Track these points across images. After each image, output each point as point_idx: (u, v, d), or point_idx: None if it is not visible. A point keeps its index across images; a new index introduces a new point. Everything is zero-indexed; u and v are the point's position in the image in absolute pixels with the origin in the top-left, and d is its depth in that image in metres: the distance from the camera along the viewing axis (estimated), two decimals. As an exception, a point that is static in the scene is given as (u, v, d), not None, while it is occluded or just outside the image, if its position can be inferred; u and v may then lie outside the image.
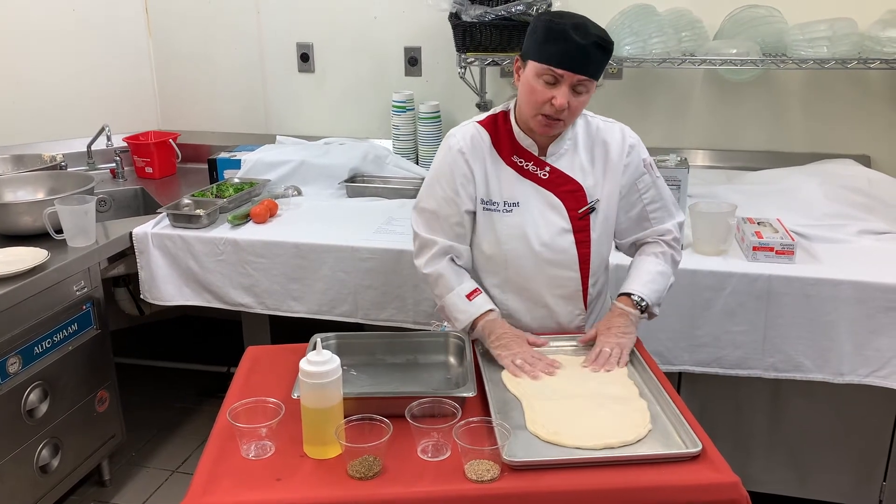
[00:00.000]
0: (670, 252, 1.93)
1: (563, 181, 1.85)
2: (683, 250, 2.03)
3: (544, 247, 1.85)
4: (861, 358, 2.19)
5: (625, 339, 1.80)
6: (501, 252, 1.88)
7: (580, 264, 1.87)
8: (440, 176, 1.88)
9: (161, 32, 3.47)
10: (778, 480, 2.47)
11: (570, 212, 1.85)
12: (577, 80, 1.69)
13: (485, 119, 1.89)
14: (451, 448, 1.47)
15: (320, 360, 1.44)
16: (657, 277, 1.89)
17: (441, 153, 1.90)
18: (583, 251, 1.87)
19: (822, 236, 2.40)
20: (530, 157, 1.85)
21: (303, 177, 2.98)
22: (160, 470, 2.83)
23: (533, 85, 1.72)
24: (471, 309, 1.85)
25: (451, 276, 1.88)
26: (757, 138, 3.02)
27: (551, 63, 1.68)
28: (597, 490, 1.40)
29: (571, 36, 1.65)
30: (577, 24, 1.67)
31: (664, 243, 1.93)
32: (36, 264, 2.26)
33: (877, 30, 2.57)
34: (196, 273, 2.58)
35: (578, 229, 1.85)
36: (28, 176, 2.80)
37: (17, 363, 2.23)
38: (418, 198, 1.94)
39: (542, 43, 1.69)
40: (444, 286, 1.88)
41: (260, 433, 1.50)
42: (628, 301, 1.85)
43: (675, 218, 1.94)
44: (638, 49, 2.67)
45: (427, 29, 3.15)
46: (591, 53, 1.67)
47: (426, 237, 1.90)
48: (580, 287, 1.90)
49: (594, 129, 1.87)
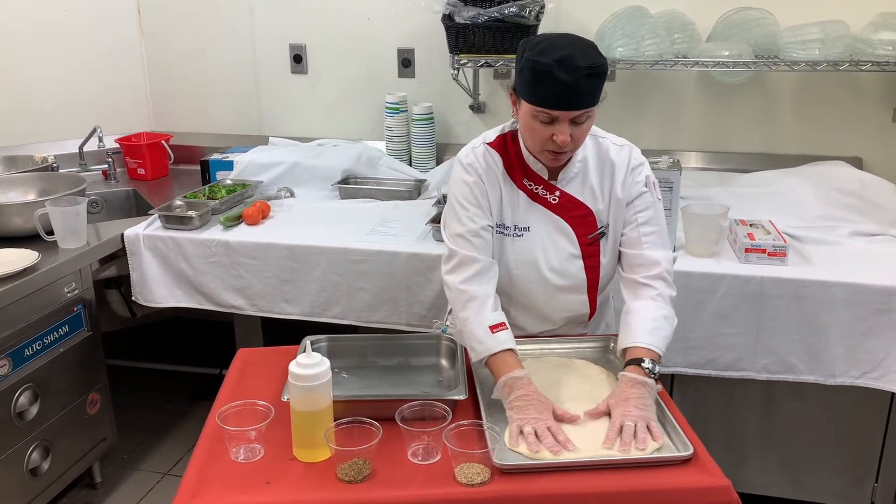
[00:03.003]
0: (667, 293, 1.80)
1: (573, 206, 1.82)
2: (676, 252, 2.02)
3: (553, 272, 1.84)
4: (853, 359, 2.19)
5: (647, 411, 1.57)
6: (510, 276, 1.86)
7: (588, 289, 1.86)
8: (463, 196, 1.81)
9: (154, 33, 3.46)
10: (770, 482, 2.47)
11: (579, 237, 1.83)
12: (574, 115, 1.64)
13: (494, 141, 1.84)
14: (442, 451, 1.47)
15: (310, 363, 1.44)
16: (662, 324, 1.75)
17: (458, 174, 1.84)
18: (592, 276, 1.85)
19: (814, 238, 2.40)
20: (540, 181, 1.82)
21: (295, 178, 2.97)
22: (151, 472, 2.82)
23: (531, 125, 1.68)
24: (490, 342, 1.69)
25: (483, 302, 1.75)
26: (749, 140, 3.02)
27: (544, 106, 1.63)
28: (587, 494, 1.40)
29: (558, 76, 1.58)
30: (562, 58, 1.58)
31: (657, 282, 1.80)
32: (26, 266, 2.25)
33: (868, 32, 2.58)
34: (188, 275, 2.58)
35: (588, 255, 1.83)
36: (19, 177, 2.78)
37: (7, 365, 2.21)
38: (445, 223, 1.86)
39: (532, 85, 1.63)
40: (472, 310, 1.75)
41: (249, 436, 1.49)
42: (640, 371, 1.64)
43: (666, 249, 1.85)
44: (631, 51, 2.67)
45: (420, 30, 3.15)
46: (583, 87, 1.60)
47: (466, 254, 1.79)
48: (588, 309, 1.90)
49: (604, 151, 1.83)
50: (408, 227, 2.57)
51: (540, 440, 1.49)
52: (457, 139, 3.26)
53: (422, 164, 3.18)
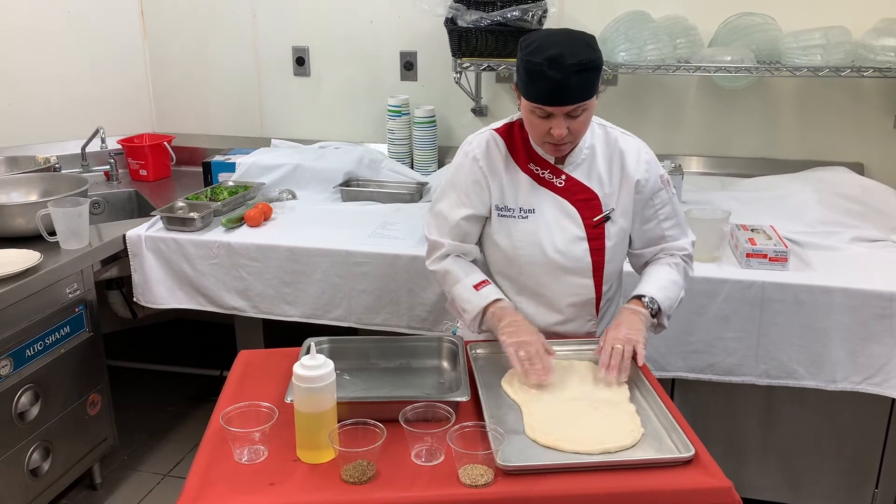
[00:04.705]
0: (684, 265, 1.91)
1: (579, 189, 1.85)
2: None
3: (558, 254, 1.85)
4: (854, 365, 2.20)
5: (635, 334, 1.75)
6: (516, 258, 1.88)
7: (594, 272, 1.87)
8: (453, 181, 1.90)
9: (156, 35, 3.46)
10: (770, 487, 2.47)
11: (584, 220, 1.84)
12: (568, 109, 1.69)
13: (501, 126, 1.90)
14: (445, 452, 1.47)
15: (314, 365, 1.44)
16: (670, 286, 1.86)
17: (457, 159, 1.93)
18: (597, 259, 1.86)
19: (815, 243, 2.41)
20: (546, 165, 1.85)
21: (297, 180, 2.97)
22: (152, 474, 2.82)
23: (530, 119, 1.75)
24: (477, 299, 1.84)
25: (457, 269, 1.89)
26: (751, 145, 3.03)
27: (537, 102, 1.69)
28: (590, 495, 1.40)
29: (548, 74, 1.63)
30: (552, 57, 1.63)
31: (679, 256, 1.91)
32: (28, 266, 2.25)
33: (870, 38, 2.58)
34: (189, 276, 2.58)
35: (593, 237, 1.85)
36: (21, 178, 2.79)
37: (9, 365, 2.21)
38: (432, 201, 1.96)
39: (525, 81, 1.70)
40: (451, 280, 1.89)
41: (253, 437, 1.49)
42: (639, 302, 1.83)
43: (689, 236, 1.94)
44: (633, 56, 2.68)
45: (423, 34, 3.16)
46: (572, 83, 1.65)
47: (434, 240, 1.92)
48: (594, 294, 1.90)
49: (612, 139, 1.87)
50: (409, 230, 2.57)
51: (532, 364, 1.68)
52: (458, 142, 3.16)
53: (423, 167, 3.18)
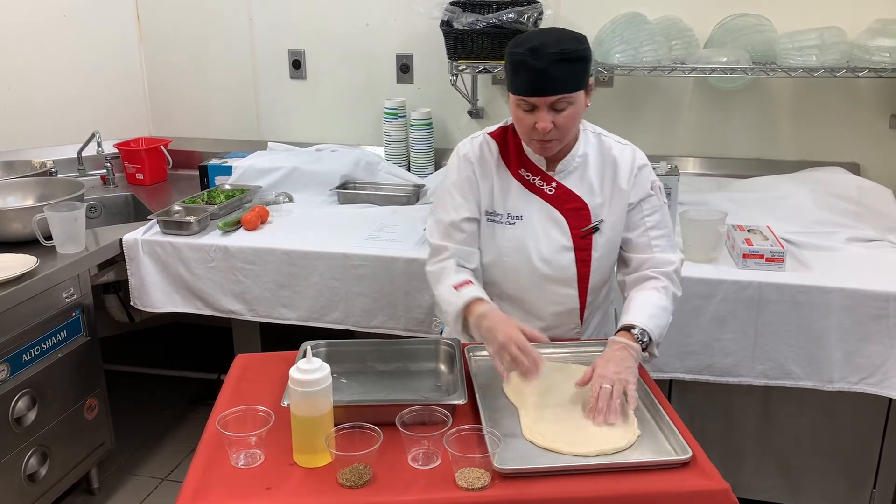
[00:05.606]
0: (672, 289, 1.82)
1: (569, 198, 1.84)
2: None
3: (543, 262, 1.85)
4: (851, 365, 2.20)
5: (626, 373, 1.61)
6: (501, 264, 1.88)
7: (579, 282, 1.86)
8: (450, 183, 1.90)
9: (153, 39, 3.46)
10: (768, 487, 2.47)
11: (572, 230, 1.84)
12: (551, 101, 1.69)
13: (495, 130, 1.90)
14: (442, 456, 1.46)
15: (310, 368, 1.44)
16: (660, 313, 1.76)
17: (451, 162, 1.93)
18: (582, 270, 1.85)
19: (811, 244, 2.41)
20: (537, 172, 1.85)
21: (294, 183, 2.97)
22: (149, 478, 2.81)
23: (517, 114, 1.75)
24: (455, 300, 1.78)
25: (444, 271, 1.86)
26: (747, 146, 3.03)
27: (520, 93, 1.70)
28: (587, 497, 1.40)
29: (529, 63, 1.65)
30: (534, 47, 1.65)
31: (665, 277, 1.82)
32: (25, 271, 2.25)
33: (865, 39, 2.59)
34: (186, 280, 2.57)
35: (580, 248, 1.84)
36: (17, 182, 2.78)
37: (5, 370, 2.21)
38: (432, 208, 1.95)
39: (510, 75, 1.71)
40: (435, 281, 1.87)
41: (249, 442, 1.49)
42: (629, 335, 1.70)
43: (677, 253, 1.88)
44: (629, 57, 2.68)
45: (419, 36, 3.16)
46: (553, 73, 1.65)
47: (438, 243, 1.89)
48: (577, 304, 1.89)
49: (606, 148, 1.86)
50: (406, 233, 2.57)
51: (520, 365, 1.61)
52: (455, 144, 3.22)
53: (420, 170, 3.18)
